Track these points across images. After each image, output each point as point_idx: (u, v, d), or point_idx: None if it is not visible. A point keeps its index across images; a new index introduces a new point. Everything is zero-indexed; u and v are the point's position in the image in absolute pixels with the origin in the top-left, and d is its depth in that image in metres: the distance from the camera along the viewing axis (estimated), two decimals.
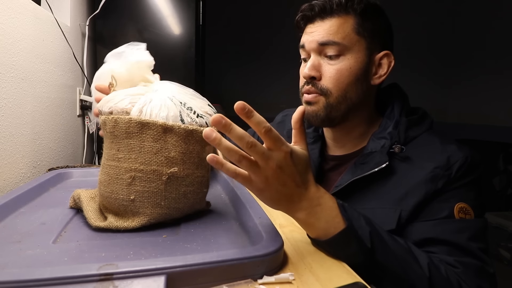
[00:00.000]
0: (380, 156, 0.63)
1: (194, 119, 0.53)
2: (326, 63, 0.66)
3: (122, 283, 0.33)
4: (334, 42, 0.64)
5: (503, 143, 2.58)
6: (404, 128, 0.65)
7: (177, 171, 0.51)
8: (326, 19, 0.65)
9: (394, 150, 0.63)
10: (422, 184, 0.60)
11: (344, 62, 0.64)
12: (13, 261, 0.40)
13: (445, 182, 0.59)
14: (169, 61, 1.50)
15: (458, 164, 0.60)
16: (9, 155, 0.82)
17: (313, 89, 0.67)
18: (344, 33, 0.64)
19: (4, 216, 0.54)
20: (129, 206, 0.50)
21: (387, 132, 0.66)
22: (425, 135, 0.67)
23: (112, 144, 0.51)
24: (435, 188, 0.59)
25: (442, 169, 0.60)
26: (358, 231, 0.47)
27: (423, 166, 0.61)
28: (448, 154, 0.61)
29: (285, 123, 0.91)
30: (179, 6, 1.48)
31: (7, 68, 0.81)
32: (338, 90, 0.65)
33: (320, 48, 0.65)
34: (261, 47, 2.85)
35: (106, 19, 1.41)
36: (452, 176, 0.60)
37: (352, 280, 0.40)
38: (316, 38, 0.65)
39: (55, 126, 1.07)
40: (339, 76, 0.65)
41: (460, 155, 0.61)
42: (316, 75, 0.66)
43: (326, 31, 0.64)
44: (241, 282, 0.37)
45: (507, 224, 2.10)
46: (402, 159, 0.63)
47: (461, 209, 0.58)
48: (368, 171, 0.62)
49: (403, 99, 0.71)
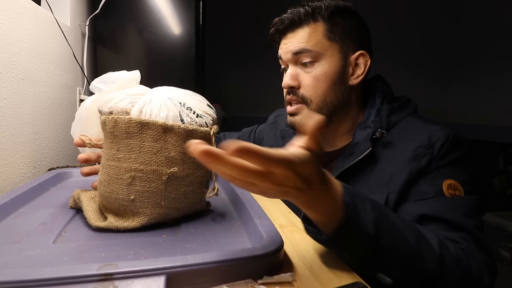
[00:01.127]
0: (364, 144, 0.65)
1: (194, 119, 0.53)
2: (303, 71, 0.68)
3: (122, 283, 0.33)
4: (307, 49, 0.66)
5: (503, 143, 2.57)
6: (386, 114, 0.67)
7: (177, 171, 0.51)
8: (296, 30, 0.68)
9: (376, 135, 0.64)
10: (406, 164, 0.60)
11: (319, 69, 0.67)
12: (13, 261, 0.40)
13: (428, 160, 0.60)
14: (169, 61, 1.50)
15: (440, 142, 0.60)
16: (9, 155, 0.82)
17: (294, 97, 0.69)
18: (315, 40, 0.66)
19: (4, 216, 0.54)
20: (129, 206, 0.50)
21: (370, 121, 0.68)
22: (408, 119, 0.67)
23: (112, 144, 0.51)
24: (418, 166, 0.60)
25: (424, 147, 0.60)
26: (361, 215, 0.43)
27: (405, 147, 0.62)
28: (429, 133, 0.62)
29: (277, 123, 0.91)
30: (179, 6, 1.48)
31: (7, 68, 0.80)
32: (317, 96, 0.67)
33: (295, 57, 0.68)
34: (261, 47, 2.84)
35: (106, 19, 1.41)
36: (435, 153, 0.60)
37: (352, 280, 0.40)
38: (290, 48, 0.68)
39: (55, 126, 1.07)
40: (315, 83, 0.67)
41: (441, 133, 0.61)
42: (295, 84, 0.68)
43: (298, 40, 0.67)
44: (241, 282, 0.37)
45: (507, 224, 2.10)
46: (384, 145, 0.64)
47: (449, 186, 0.58)
48: (354, 161, 0.64)
49: (384, 88, 0.72)
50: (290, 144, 0.38)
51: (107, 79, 0.60)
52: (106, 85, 0.59)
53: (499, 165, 2.61)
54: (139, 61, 1.48)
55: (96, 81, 0.60)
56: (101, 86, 0.59)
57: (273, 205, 0.74)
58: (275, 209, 0.70)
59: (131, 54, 1.48)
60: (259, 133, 0.98)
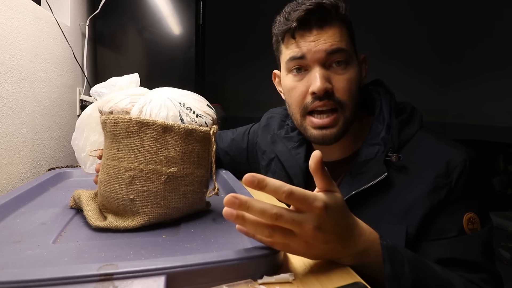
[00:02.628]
0: (377, 166, 0.60)
1: (194, 118, 0.53)
2: (334, 73, 0.61)
3: (122, 283, 0.33)
4: (343, 49, 0.61)
5: (503, 143, 2.57)
6: (396, 132, 0.63)
7: (176, 170, 0.51)
8: (325, 27, 0.61)
9: (391, 159, 0.60)
10: (426, 196, 0.58)
11: (351, 71, 0.62)
12: (13, 261, 0.40)
13: (447, 191, 0.58)
14: (169, 61, 1.50)
15: (458, 171, 0.58)
16: (9, 155, 0.82)
17: (330, 102, 0.61)
18: (346, 41, 0.62)
19: (4, 216, 0.54)
20: (128, 206, 0.50)
21: (380, 138, 0.63)
22: (418, 136, 0.64)
23: (112, 143, 0.51)
24: (438, 198, 0.57)
25: (442, 177, 0.58)
26: (401, 280, 0.44)
27: (423, 176, 0.59)
28: (445, 158, 0.59)
29: (270, 126, 0.86)
30: (179, 6, 1.48)
31: (7, 68, 0.80)
32: (351, 101, 0.62)
33: (328, 57, 0.61)
34: (261, 47, 2.84)
35: (106, 19, 1.41)
36: (453, 184, 0.58)
37: (352, 280, 0.40)
38: (322, 47, 0.60)
39: (55, 126, 1.07)
40: (350, 86, 0.61)
41: (459, 160, 0.59)
42: (330, 88, 0.60)
43: (331, 39, 0.60)
44: (241, 282, 0.37)
45: (507, 224, 2.10)
46: (399, 169, 0.61)
47: (469, 220, 0.57)
48: (367, 183, 0.60)
49: (389, 96, 0.68)
50: None
51: (107, 84, 0.60)
52: (106, 89, 0.59)
53: (499, 165, 2.61)
54: (139, 61, 1.48)
55: (97, 87, 0.60)
56: (102, 90, 0.59)
57: None
58: None
59: (131, 54, 1.48)
60: (252, 135, 0.93)
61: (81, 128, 0.62)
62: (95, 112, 0.61)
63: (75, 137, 0.63)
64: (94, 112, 0.61)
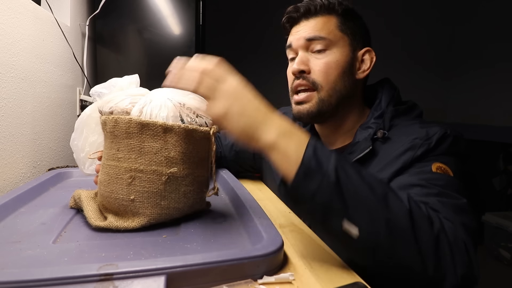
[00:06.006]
0: (364, 143, 0.65)
1: (194, 119, 0.53)
2: (314, 57, 0.69)
3: (122, 283, 0.33)
4: (320, 37, 0.67)
5: (503, 143, 2.57)
6: (389, 116, 0.67)
7: (177, 171, 0.51)
8: (310, 18, 0.70)
9: (378, 135, 0.65)
10: (401, 154, 0.60)
11: (331, 56, 0.68)
12: (13, 261, 0.40)
13: (424, 150, 0.59)
14: (169, 61, 1.50)
15: (438, 135, 0.60)
16: (9, 155, 0.82)
17: (304, 82, 0.68)
18: (328, 30, 0.68)
19: (4, 216, 0.54)
20: (129, 206, 0.50)
21: (371, 122, 0.68)
22: (409, 120, 0.67)
23: (112, 144, 0.51)
24: (413, 155, 0.59)
25: (421, 139, 0.60)
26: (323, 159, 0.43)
27: (403, 141, 0.62)
28: (427, 128, 0.62)
29: None
30: (179, 6, 1.48)
31: (7, 68, 0.80)
32: (328, 83, 0.67)
33: (307, 43, 0.69)
34: (261, 47, 2.85)
35: (106, 19, 1.41)
36: (432, 145, 0.59)
37: (352, 280, 0.40)
38: (302, 35, 0.69)
39: (55, 126, 1.07)
40: (327, 69, 0.67)
41: (439, 128, 0.61)
42: (305, 69, 0.68)
43: (312, 28, 0.68)
44: (241, 282, 0.37)
45: (507, 224, 2.09)
46: (383, 140, 0.65)
47: (438, 167, 0.57)
48: (353, 159, 0.64)
49: (393, 91, 0.72)
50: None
51: (107, 85, 0.60)
52: (106, 90, 0.59)
53: (499, 165, 2.61)
54: (139, 61, 1.48)
55: (97, 87, 0.60)
56: (102, 91, 0.59)
57: (273, 205, 0.74)
58: (275, 209, 0.70)
59: (131, 54, 1.48)
60: None
61: (80, 129, 0.62)
62: (94, 113, 0.61)
63: (74, 137, 0.63)
64: (94, 113, 0.61)
